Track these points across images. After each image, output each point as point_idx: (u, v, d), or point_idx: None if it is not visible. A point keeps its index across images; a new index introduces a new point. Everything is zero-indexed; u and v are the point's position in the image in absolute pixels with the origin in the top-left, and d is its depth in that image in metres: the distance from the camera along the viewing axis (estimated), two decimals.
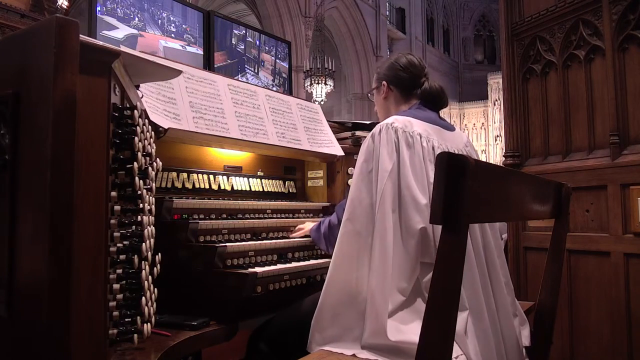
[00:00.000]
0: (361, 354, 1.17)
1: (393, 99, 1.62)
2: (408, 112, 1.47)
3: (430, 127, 1.40)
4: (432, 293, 0.68)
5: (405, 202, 1.24)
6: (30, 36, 0.91)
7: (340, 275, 1.27)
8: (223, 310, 1.44)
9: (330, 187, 2.32)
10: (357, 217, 1.28)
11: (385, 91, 1.63)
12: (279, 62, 3.72)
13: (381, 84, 1.64)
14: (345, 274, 1.26)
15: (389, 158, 1.29)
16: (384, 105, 1.66)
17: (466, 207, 0.66)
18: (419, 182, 1.26)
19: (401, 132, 1.33)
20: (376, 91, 1.69)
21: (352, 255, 1.26)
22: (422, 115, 1.44)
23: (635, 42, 2.11)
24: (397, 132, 1.33)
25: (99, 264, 0.95)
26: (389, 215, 1.23)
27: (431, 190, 1.22)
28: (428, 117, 1.45)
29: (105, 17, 2.52)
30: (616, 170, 2.11)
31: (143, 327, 1.10)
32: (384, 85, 1.63)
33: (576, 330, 2.25)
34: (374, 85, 1.70)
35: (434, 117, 1.49)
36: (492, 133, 19.10)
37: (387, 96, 1.63)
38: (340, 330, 1.24)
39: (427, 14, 22.34)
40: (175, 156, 1.81)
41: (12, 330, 0.87)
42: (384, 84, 1.63)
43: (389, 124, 1.35)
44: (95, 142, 0.95)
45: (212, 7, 12.22)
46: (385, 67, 1.65)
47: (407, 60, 1.61)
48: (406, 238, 1.22)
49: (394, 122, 1.35)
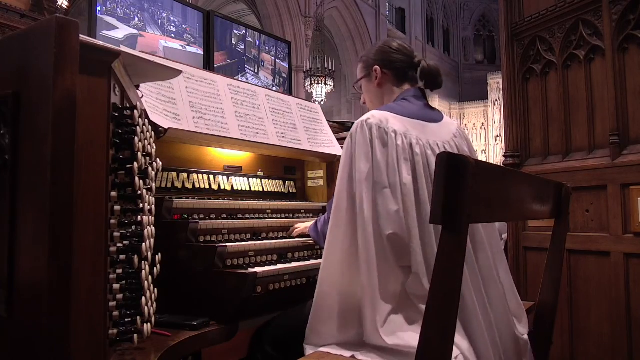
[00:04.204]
0: (360, 355, 1.17)
1: (388, 85, 1.52)
2: (387, 106, 1.41)
3: (410, 122, 1.34)
4: (432, 293, 0.68)
5: (378, 209, 1.22)
6: (30, 36, 0.91)
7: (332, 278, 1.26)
8: (223, 310, 1.44)
9: (330, 187, 2.32)
10: (341, 224, 1.26)
11: (379, 76, 1.52)
12: (279, 62, 3.72)
13: (372, 70, 1.53)
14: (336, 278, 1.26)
15: (365, 160, 1.25)
16: (377, 94, 1.55)
17: (466, 207, 0.66)
18: (392, 185, 1.23)
19: (376, 129, 1.28)
20: (366, 80, 1.57)
21: (342, 260, 1.25)
22: (403, 110, 1.37)
23: (635, 42, 2.11)
24: (371, 129, 1.28)
25: (99, 264, 0.95)
26: (368, 221, 1.21)
27: (404, 191, 1.22)
28: (409, 111, 1.38)
29: (105, 17, 2.52)
30: (616, 170, 2.11)
31: (143, 327, 1.10)
32: (375, 71, 1.52)
33: (576, 330, 2.25)
34: (362, 73, 1.58)
35: (416, 109, 1.41)
36: (492, 133, 19.11)
37: (382, 82, 1.52)
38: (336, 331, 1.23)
39: (427, 14, 22.35)
40: (175, 156, 1.81)
41: (12, 330, 0.87)
42: (375, 69, 1.52)
43: (364, 121, 1.30)
44: (95, 142, 0.95)
45: (212, 7, 12.22)
46: (373, 53, 1.55)
47: (398, 43, 1.54)
48: (380, 244, 1.21)
49: (369, 119, 1.30)
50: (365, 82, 1.58)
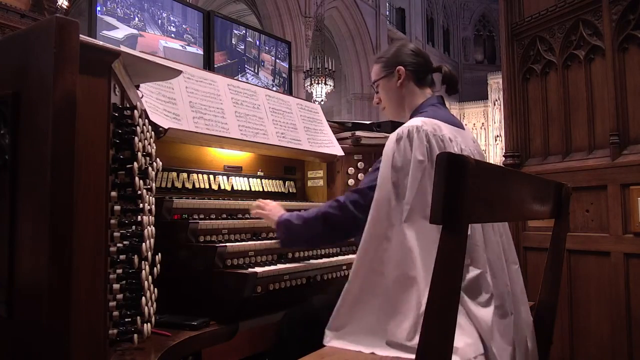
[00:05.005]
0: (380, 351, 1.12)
1: (410, 86, 1.46)
2: (429, 112, 1.34)
3: (454, 130, 1.31)
4: (432, 293, 0.68)
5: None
6: (30, 36, 0.91)
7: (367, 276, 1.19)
8: (223, 310, 1.44)
9: (330, 187, 2.32)
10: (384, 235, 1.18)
11: (402, 77, 1.45)
12: (279, 62, 3.72)
13: (394, 69, 1.46)
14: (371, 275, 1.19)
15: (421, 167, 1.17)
16: (398, 95, 1.48)
17: (466, 207, 0.66)
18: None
19: (432, 136, 1.21)
20: (386, 80, 1.49)
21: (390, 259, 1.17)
22: (444, 117, 1.33)
23: (635, 42, 2.11)
24: (427, 135, 1.21)
25: (99, 264, 0.95)
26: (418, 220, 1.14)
27: None
28: (448, 117, 1.34)
29: (105, 17, 2.52)
30: (616, 170, 2.11)
31: (143, 327, 1.10)
32: (399, 71, 1.45)
33: (576, 330, 2.24)
34: (382, 73, 1.50)
35: (451, 116, 1.39)
36: (492, 133, 19.11)
37: (404, 83, 1.45)
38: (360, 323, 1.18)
39: (427, 14, 22.35)
40: (175, 156, 1.81)
41: (12, 330, 0.87)
42: (399, 70, 1.45)
43: (418, 127, 1.21)
44: (95, 142, 0.95)
45: (212, 7, 12.21)
46: (392, 53, 1.50)
47: (415, 46, 1.51)
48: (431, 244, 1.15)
49: (422, 125, 1.22)
50: (384, 83, 1.52)
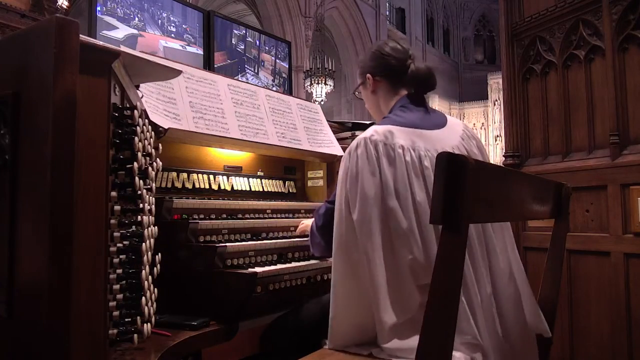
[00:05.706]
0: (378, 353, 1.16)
1: (382, 91, 1.50)
2: (389, 118, 1.36)
3: (415, 133, 1.29)
4: (432, 293, 0.68)
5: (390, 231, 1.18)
6: (30, 36, 0.91)
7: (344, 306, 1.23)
8: (223, 310, 1.44)
9: (330, 187, 2.32)
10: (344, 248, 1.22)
11: (372, 84, 1.51)
12: (279, 62, 3.72)
13: (365, 77, 1.52)
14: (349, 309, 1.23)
15: (372, 181, 1.21)
16: (373, 101, 1.53)
17: (466, 207, 0.66)
18: (403, 205, 1.19)
19: (382, 146, 1.23)
20: (362, 87, 1.56)
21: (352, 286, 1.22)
22: (405, 120, 1.32)
23: (635, 42, 2.11)
24: (377, 146, 1.23)
25: (99, 264, 0.95)
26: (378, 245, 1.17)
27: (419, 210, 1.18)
28: (411, 120, 1.33)
29: (105, 17, 2.52)
30: (616, 170, 2.11)
31: (143, 327, 1.10)
32: (368, 79, 1.51)
33: (576, 330, 2.24)
34: (359, 80, 1.57)
35: (418, 117, 1.36)
36: (492, 133, 19.13)
37: (375, 89, 1.51)
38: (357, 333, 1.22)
39: (427, 14, 22.35)
40: (175, 156, 1.82)
41: (12, 330, 0.87)
42: (368, 77, 1.51)
43: (367, 138, 1.25)
44: (95, 142, 0.95)
45: (212, 7, 12.21)
46: (368, 59, 1.54)
47: (391, 46, 1.50)
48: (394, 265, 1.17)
49: (372, 135, 1.25)
50: (362, 89, 1.57)
